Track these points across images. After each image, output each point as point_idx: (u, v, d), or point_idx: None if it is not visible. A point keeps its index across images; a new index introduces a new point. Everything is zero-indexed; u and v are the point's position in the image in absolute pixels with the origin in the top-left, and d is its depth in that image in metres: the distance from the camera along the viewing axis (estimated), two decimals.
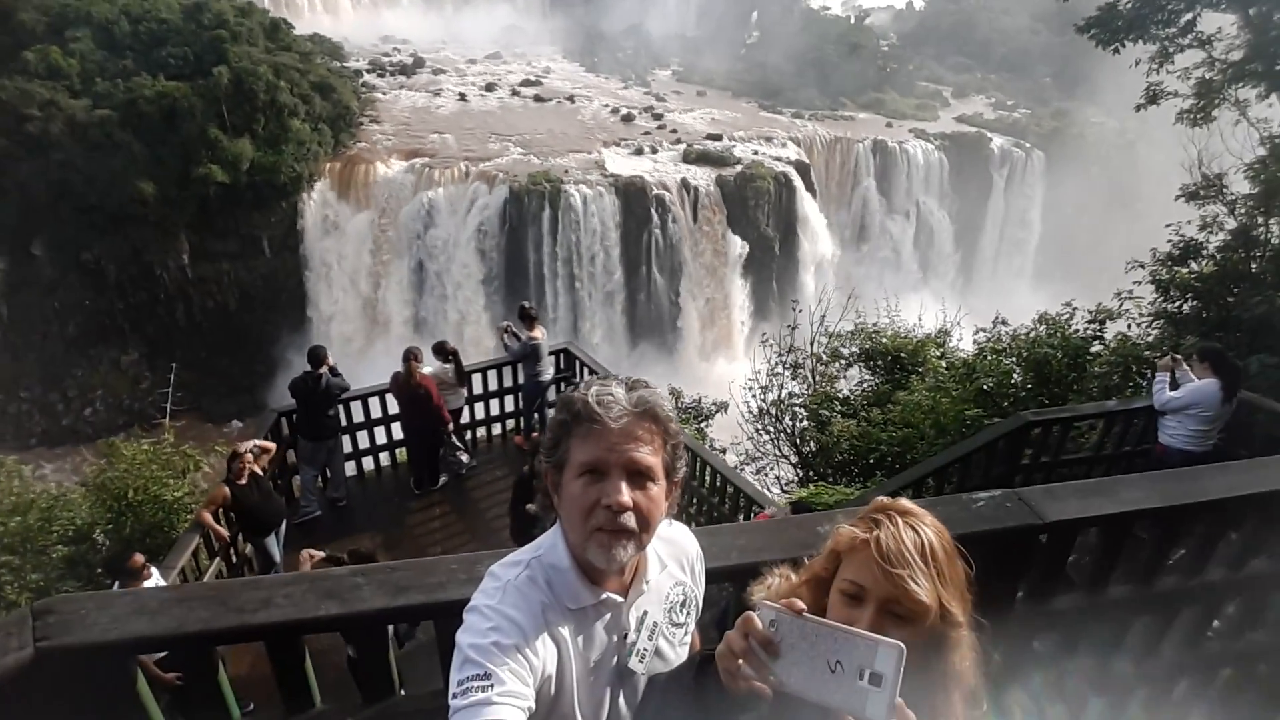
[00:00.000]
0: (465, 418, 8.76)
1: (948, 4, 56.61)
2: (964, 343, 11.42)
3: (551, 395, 8.98)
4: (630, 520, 1.26)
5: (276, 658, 1.92)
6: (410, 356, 7.79)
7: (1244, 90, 9.78)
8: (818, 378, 11.88)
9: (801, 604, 1.05)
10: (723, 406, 12.81)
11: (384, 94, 38.86)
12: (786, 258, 35.09)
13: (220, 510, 6.31)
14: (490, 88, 41.53)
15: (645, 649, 1.40)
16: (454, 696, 1.20)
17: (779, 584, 1.33)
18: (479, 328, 29.12)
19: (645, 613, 1.42)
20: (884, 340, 11.41)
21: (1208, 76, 10.04)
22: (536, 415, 8.84)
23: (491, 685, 1.18)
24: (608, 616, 1.38)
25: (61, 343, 28.37)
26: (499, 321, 10.00)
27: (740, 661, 1.06)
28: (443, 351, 8.36)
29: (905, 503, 1.22)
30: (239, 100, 30.10)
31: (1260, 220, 9.64)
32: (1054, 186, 40.36)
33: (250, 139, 29.91)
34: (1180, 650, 2.76)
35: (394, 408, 8.18)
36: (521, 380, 8.85)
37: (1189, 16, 9.70)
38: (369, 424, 8.43)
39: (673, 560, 1.50)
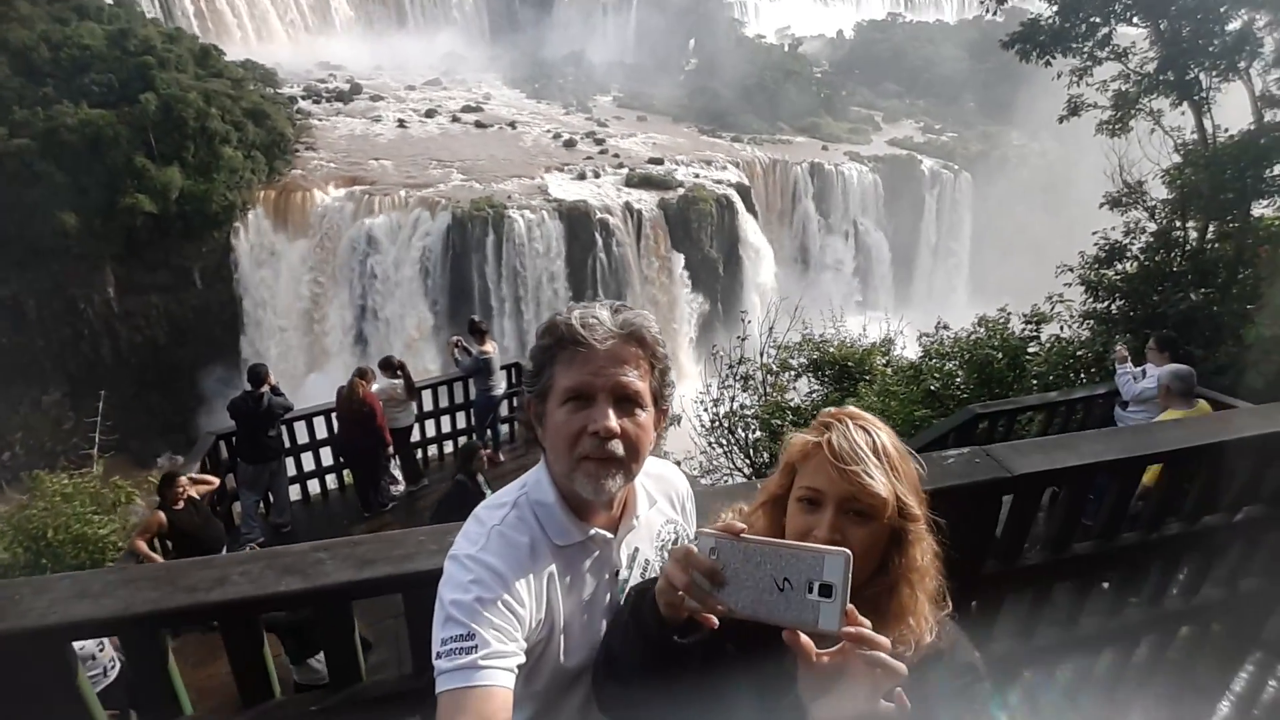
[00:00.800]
0: (416, 435, 8.52)
1: (876, 33, 59.00)
2: (908, 351, 11.73)
3: (504, 410, 8.83)
4: (618, 447, 1.20)
5: (233, 643, 1.79)
6: (359, 374, 7.58)
7: (1157, 101, 10.39)
8: (768, 389, 12.01)
9: (741, 525, 1.03)
10: (674, 420, 12.80)
11: (320, 121, 38.27)
12: (730, 277, 35.61)
13: (155, 539, 5.96)
14: (430, 114, 41.31)
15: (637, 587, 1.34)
16: (438, 656, 1.13)
17: (732, 517, 1.27)
18: (424, 356, 28.64)
19: (636, 549, 1.36)
20: (831, 350, 11.61)
21: (1124, 89, 10.64)
22: (489, 431, 8.67)
23: (475, 647, 1.12)
24: (597, 554, 1.31)
25: None
26: (447, 341, 9.82)
27: (682, 594, 1.02)
28: (390, 366, 8.13)
29: (853, 408, 1.21)
30: (167, 128, 29.22)
31: (1178, 223, 10.22)
32: (982, 204, 42.16)
33: (180, 167, 29.02)
34: (1144, 609, 2.83)
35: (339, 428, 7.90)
36: (473, 396, 8.68)
37: (1105, 30, 10.28)
38: (314, 445, 8.13)
39: (663, 497, 1.44)
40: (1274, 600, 2.96)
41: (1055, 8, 10.35)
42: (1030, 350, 9.21)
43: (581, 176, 34.74)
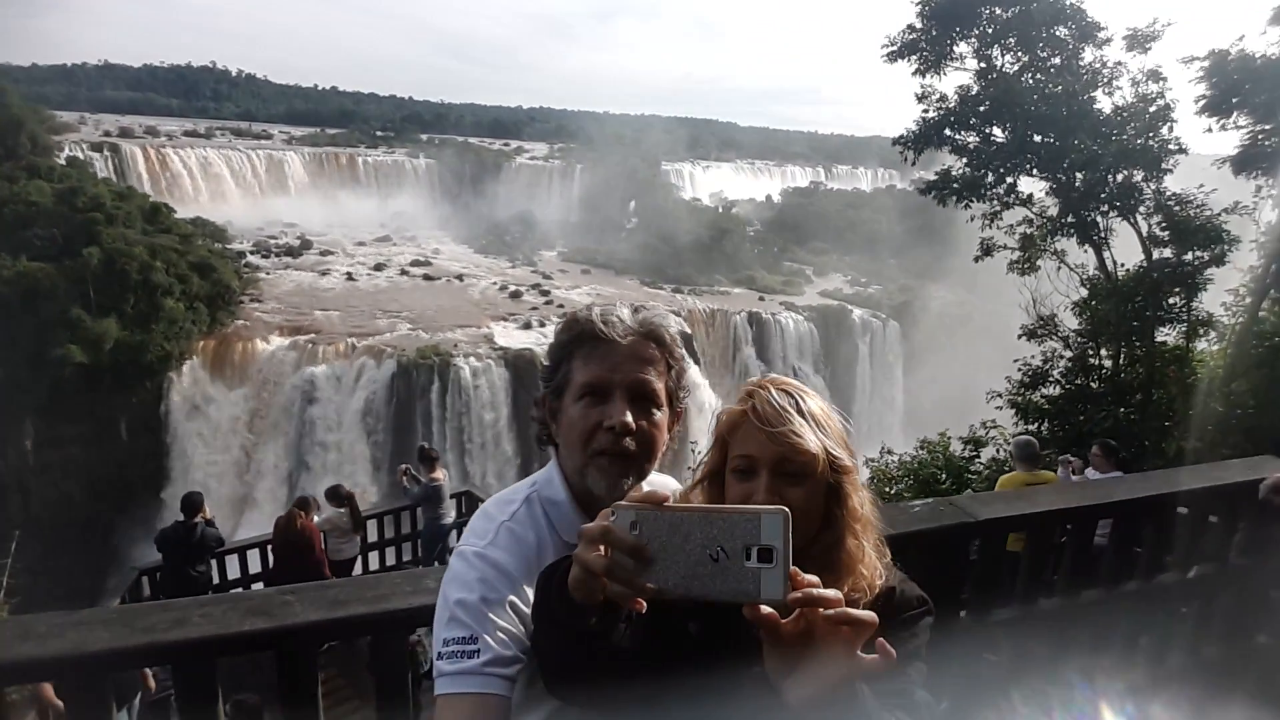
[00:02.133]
0: (358, 569, 8.06)
1: (801, 198, 64.22)
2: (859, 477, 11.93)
3: (453, 540, 8.49)
4: (633, 444, 1.20)
5: (185, 690, 1.65)
6: (300, 505, 7.27)
7: (1061, 241, 11.54)
8: None
9: (664, 493, 0.91)
10: None
11: (268, 274, 38.67)
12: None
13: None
14: (379, 267, 42.27)
15: None
16: (439, 656, 1.11)
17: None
18: (365, 501, 27.45)
19: None
20: None
21: (1029, 232, 11.81)
22: (437, 562, 8.28)
23: (478, 652, 1.10)
24: None
25: None
26: (397, 469, 9.56)
27: (604, 580, 0.89)
28: (337, 496, 7.83)
29: (775, 375, 1.23)
30: (109, 280, 29.06)
31: (1092, 350, 11.05)
32: (910, 347, 44.60)
33: (117, 318, 28.60)
34: (1118, 659, 2.83)
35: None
36: (421, 525, 8.36)
37: (1010, 181, 11.55)
38: (246, 581, 7.60)
39: None
40: (1243, 659, 3.00)
41: (964, 161, 11.64)
42: (972, 470, 9.51)
43: (527, 326, 35.54)
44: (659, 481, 1.47)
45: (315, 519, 7.40)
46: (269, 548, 7.48)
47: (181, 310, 29.93)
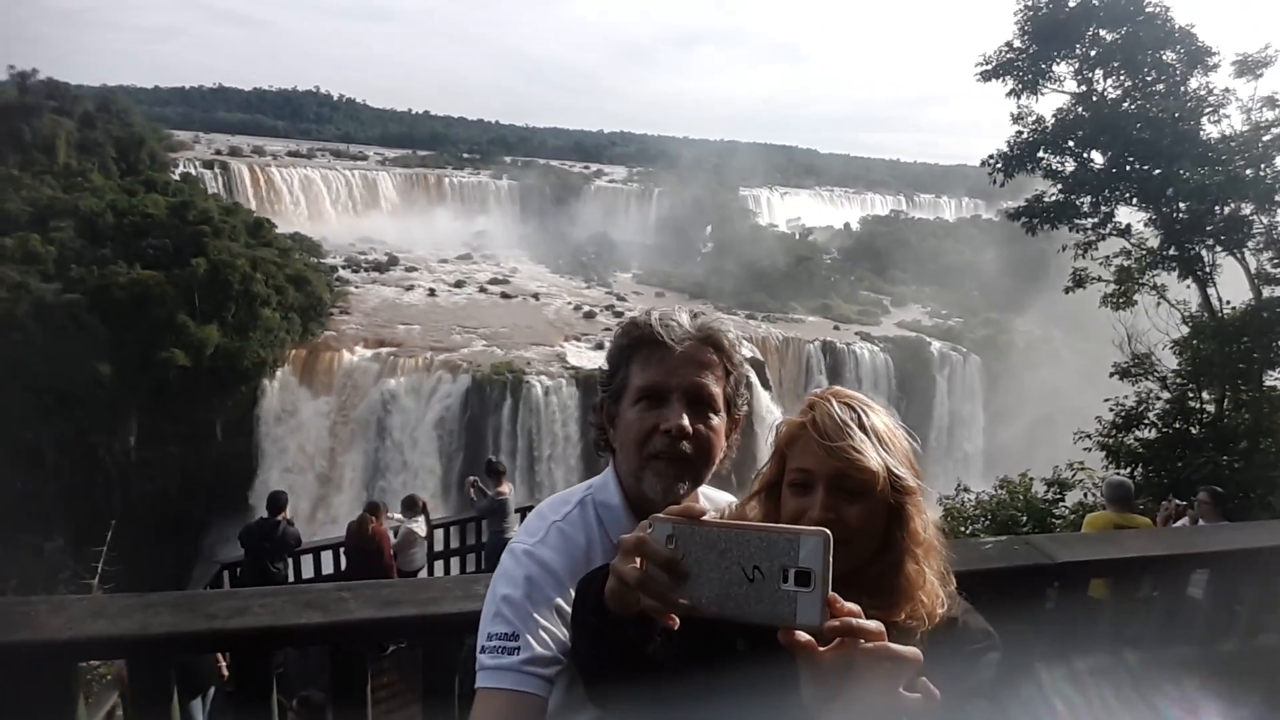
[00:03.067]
0: (424, 576, 8.22)
1: (881, 227, 62.95)
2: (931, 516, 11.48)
3: None
4: (689, 448, 1.20)
5: (243, 675, 1.70)
6: (371, 509, 7.50)
7: (1161, 275, 10.90)
8: None
9: (702, 508, 0.90)
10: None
11: (357, 288, 40.41)
12: (744, 452, 35.11)
13: None
14: (459, 284, 43.60)
15: None
16: (482, 650, 1.13)
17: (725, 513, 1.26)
18: (436, 513, 28.15)
19: None
20: None
21: (1126, 264, 11.20)
22: None
23: (519, 649, 1.11)
24: None
25: None
26: (465, 481, 9.74)
27: (638, 592, 0.87)
28: (412, 506, 8.03)
29: (838, 387, 1.18)
30: (213, 289, 30.96)
31: (1192, 393, 10.35)
32: (993, 385, 42.77)
33: (218, 325, 30.39)
34: None
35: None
36: (486, 538, 8.48)
37: (1106, 209, 11.02)
38: (319, 580, 7.86)
39: None
40: None
41: (1058, 186, 11.17)
42: (1056, 514, 9.00)
43: (600, 346, 35.87)
44: (713, 496, 1.44)
45: (385, 524, 7.61)
46: (340, 550, 7.72)
47: (277, 320, 31.58)
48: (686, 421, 1.20)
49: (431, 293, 41.58)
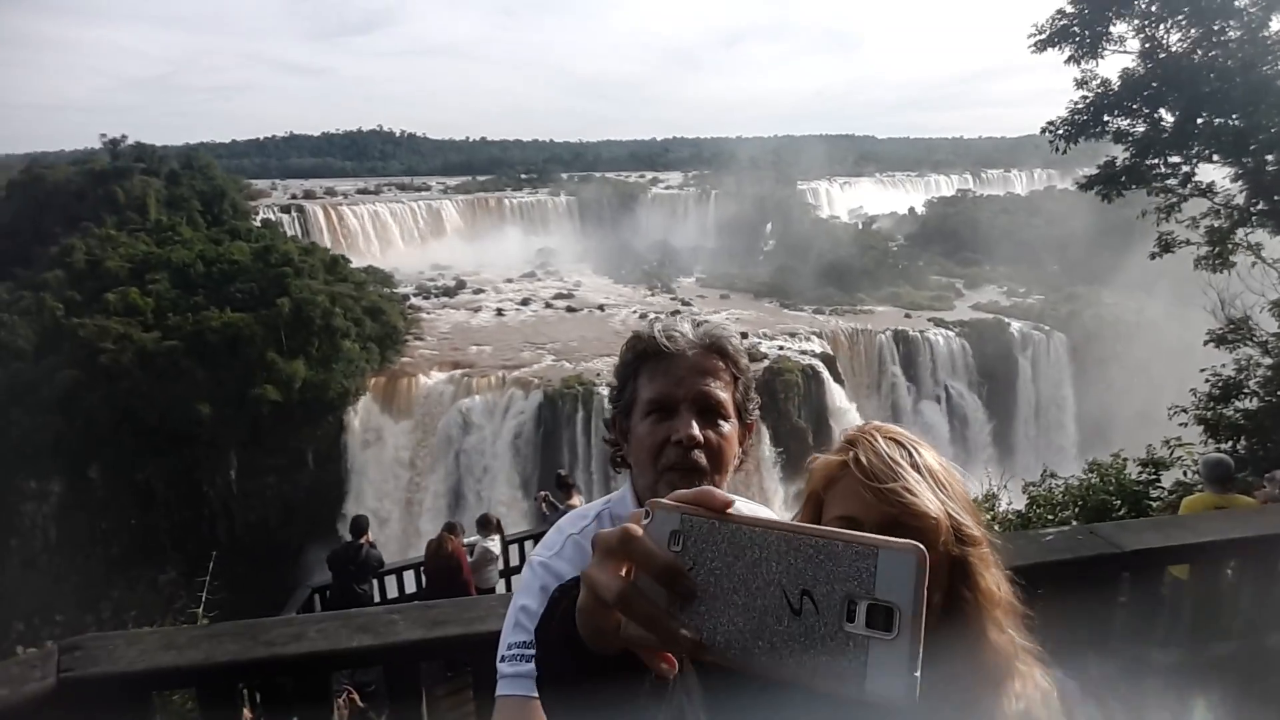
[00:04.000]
0: (500, 592, 8.40)
1: (948, 208, 60.91)
2: (1014, 505, 11.01)
3: None
4: (702, 458, 1.19)
5: (306, 699, 1.79)
6: (449, 529, 7.71)
7: (1254, 234, 10.17)
8: None
9: (725, 495, 0.58)
10: None
11: (429, 314, 41.75)
12: (819, 447, 34.49)
13: None
14: (526, 302, 44.49)
15: None
16: (501, 659, 1.16)
17: None
18: (515, 529, 28.73)
19: None
20: None
21: (1216, 224, 10.49)
22: None
23: (535, 657, 1.14)
24: None
25: (104, 564, 28.42)
26: (535, 496, 9.92)
27: (621, 618, 0.58)
28: (487, 524, 8.23)
29: (880, 422, 1.03)
30: (297, 326, 32.57)
31: None
32: (1081, 363, 40.65)
33: (304, 360, 31.93)
34: None
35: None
36: None
37: (1185, 169, 10.37)
38: (402, 599, 8.13)
39: None
40: None
41: (1130, 150, 10.59)
42: (1153, 496, 8.48)
43: None
44: (750, 510, 1.43)
45: (462, 543, 7.82)
46: (421, 570, 7.98)
47: (357, 350, 32.96)
48: (697, 430, 1.19)
49: (499, 312, 42.56)
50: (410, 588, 8.19)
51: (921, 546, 0.53)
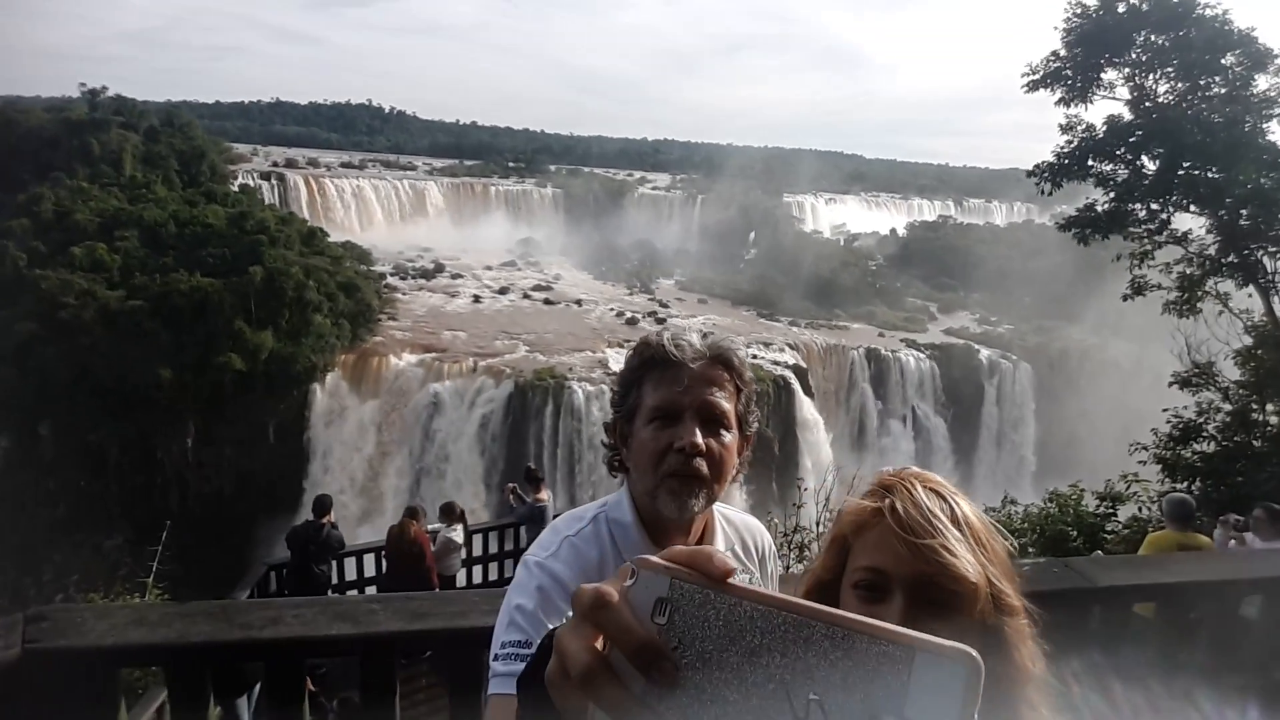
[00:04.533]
0: (461, 582, 8.33)
1: (928, 232, 61.83)
2: None
3: None
4: (703, 466, 1.21)
5: (275, 687, 1.75)
6: (410, 514, 7.61)
7: (1223, 283, 10.49)
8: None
9: (726, 558, 0.47)
10: None
11: (404, 294, 41.26)
12: (785, 458, 35.20)
13: None
14: (504, 291, 44.19)
15: None
16: (495, 658, 1.15)
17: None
18: (478, 518, 28.56)
19: None
20: None
21: (1187, 271, 10.80)
22: None
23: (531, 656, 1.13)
24: None
25: (48, 524, 27.62)
26: (504, 488, 9.86)
27: (586, 698, 0.47)
28: (450, 513, 8.14)
29: (919, 469, 0.94)
30: (268, 296, 31.96)
31: (1255, 405, 9.91)
32: (1044, 394, 41.56)
33: (273, 331, 31.35)
34: None
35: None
36: (525, 544, 8.56)
37: (1163, 216, 10.67)
38: (361, 583, 8.03)
39: (740, 546, 1.42)
40: None
41: (1111, 195, 10.86)
42: (1108, 529, 8.70)
43: None
44: (733, 516, 1.44)
45: (426, 529, 7.73)
46: (382, 554, 7.87)
47: (328, 326, 32.45)
48: (700, 438, 1.20)
49: (476, 299, 42.22)
50: (370, 571, 8.08)
51: (976, 656, 0.40)
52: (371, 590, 8.17)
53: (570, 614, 0.51)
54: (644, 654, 0.44)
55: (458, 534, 8.04)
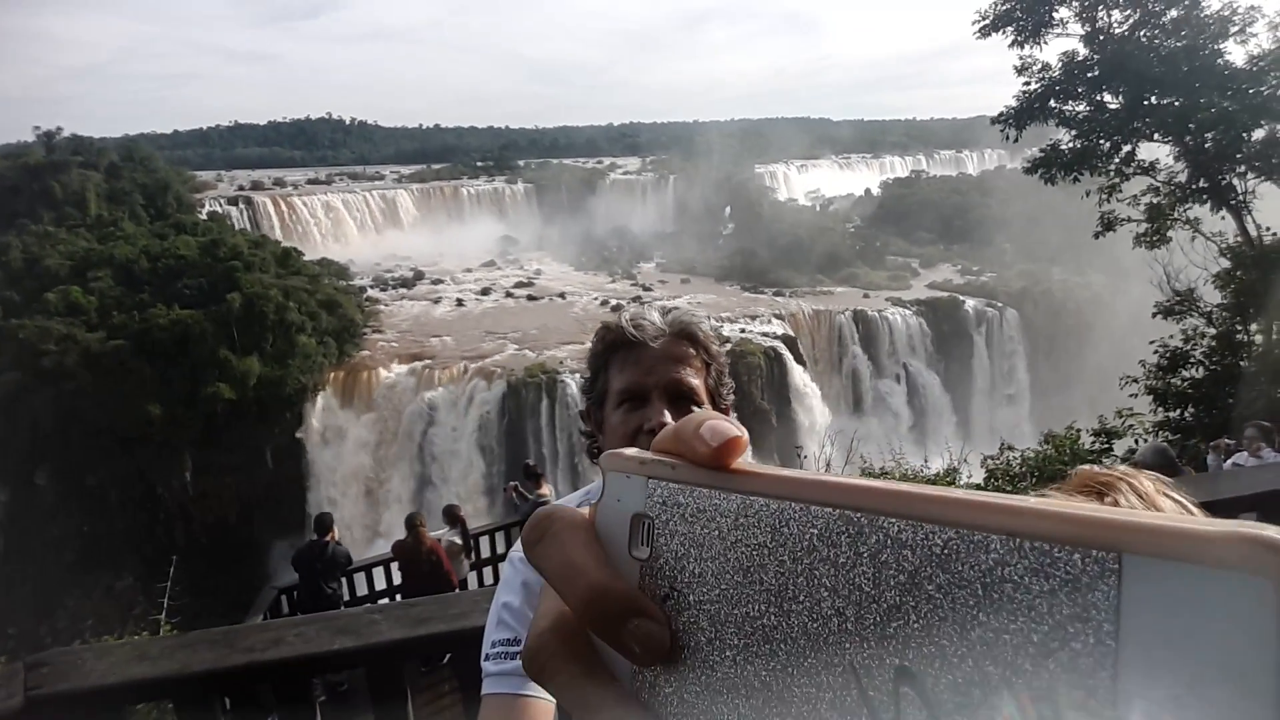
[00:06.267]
0: (472, 585, 8.34)
1: (902, 189, 61.89)
2: (974, 479, 11.32)
3: None
4: None
5: (286, 705, 1.75)
6: (417, 522, 7.56)
7: (1194, 209, 10.55)
8: None
9: (723, 424, 0.27)
10: None
11: (386, 305, 41.04)
12: (784, 428, 35.36)
13: None
14: (486, 291, 44.02)
15: None
16: (486, 658, 1.14)
17: None
18: (482, 520, 28.62)
19: None
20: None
21: (1155, 201, 10.85)
22: None
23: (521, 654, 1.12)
24: None
25: (58, 571, 27.50)
26: (504, 487, 9.85)
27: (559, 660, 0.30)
28: (452, 517, 8.14)
29: (1127, 468, 0.79)
30: (249, 322, 31.73)
31: (1239, 326, 10.01)
32: (1034, 337, 41.85)
33: (258, 356, 31.16)
34: None
35: (399, 579, 7.80)
36: None
37: (1128, 149, 10.68)
38: (373, 596, 8.01)
39: None
40: None
41: (1074, 133, 10.86)
42: (1105, 464, 8.80)
43: None
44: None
45: (434, 535, 7.71)
46: (391, 565, 7.85)
47: (313, 345, 32.26)
48: (669, 418, 1.17)
49: (460, 303, 42.05)
50: (380, 584, 8.06)
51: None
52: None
53: None
54: (606, 611, 0.26)
55: (459, 537, 8.04)
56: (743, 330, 37.47)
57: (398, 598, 7.85)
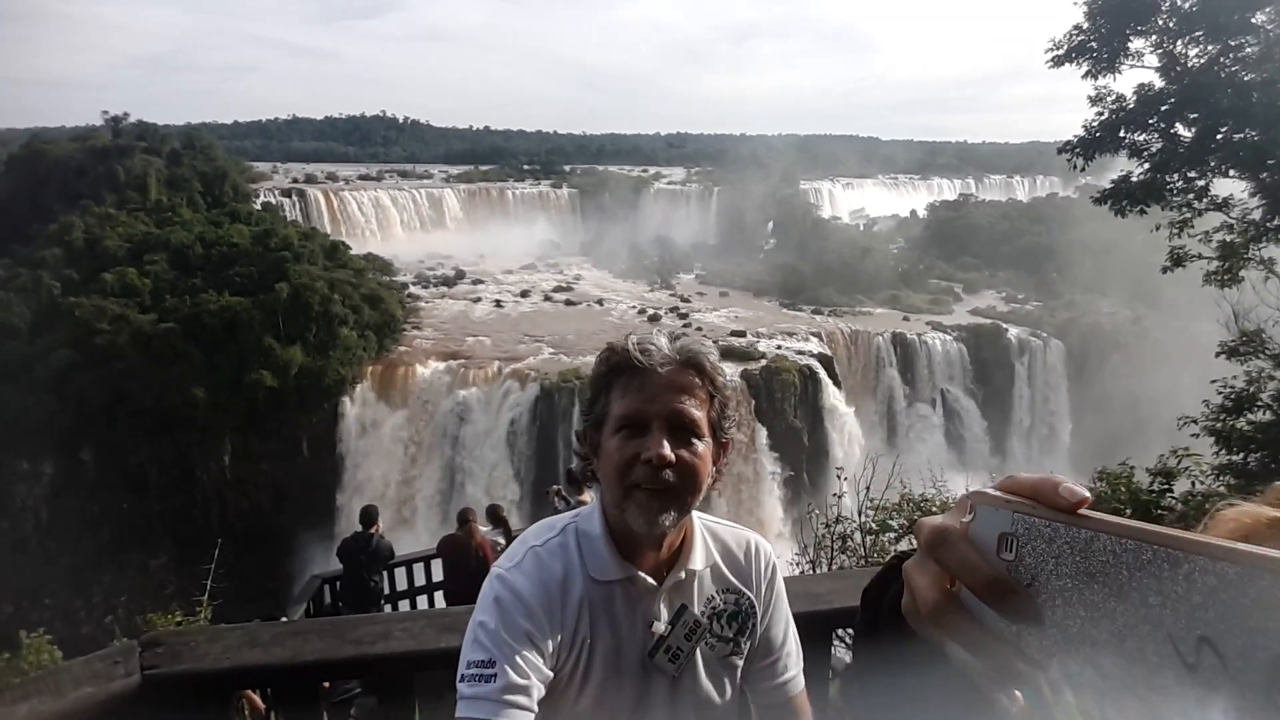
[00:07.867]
0: None
1: (949, 212, 61.02)
2: None
3: None
4: (672, 477, 1.15)
5: (388, 700, 1.76)
6: (468, 518, 7.57)
7: (1267, 249, 10.21)
8: (868, 550, 11.41)
9: (1075, 488, 0.44)
10: None
11: (427, 303, 41.62)
12: (815, 446, 35.01)
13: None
14: (525, 294, 44.40)
15: (679, 648, 1.23)
16: (461, 679, 1.11)
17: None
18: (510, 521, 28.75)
19: (684, 606, 1.26)
20: (934, 509, 11.06)
21: (1229, 239, 10.51)
22: None
23: (495, 677, 1.09)
24: (639, 601, 1.24)
25: (95, 546, 28.29)
26: (545, 490, 9.88)
27: (935, 633, 0.49)
28: (496, 517, 8.16)
29: None
30: (295, 312, 32.43)
31: None
32: (1078, 371, 40.90)
33: (301, 346, 31.81)
34: None
35: (439, 574, 7.83)
36: None
37: (1201, 184, 10.39)
38: (412, 592, 8.08)
39: (727, 562, 1.33)
40: None
41: (1146, 165, 10.61)
42: (1162, 505, 8.52)
43: None
44: (729, 537, 1.37)
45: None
46: (431, 561, 7.90)
47: (355, 338, 32.84)
48: (668, 449, 1.15)
49: (498, 304, 42.47)
50: (420, 580, 8.12)
51: None
52: (422, 601, 8.22)
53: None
54: (995, 590, 0.44)
55: (501, 538, 8.05)
56: (779, 347, 37.23)
57: (438, 594, 7.92)
